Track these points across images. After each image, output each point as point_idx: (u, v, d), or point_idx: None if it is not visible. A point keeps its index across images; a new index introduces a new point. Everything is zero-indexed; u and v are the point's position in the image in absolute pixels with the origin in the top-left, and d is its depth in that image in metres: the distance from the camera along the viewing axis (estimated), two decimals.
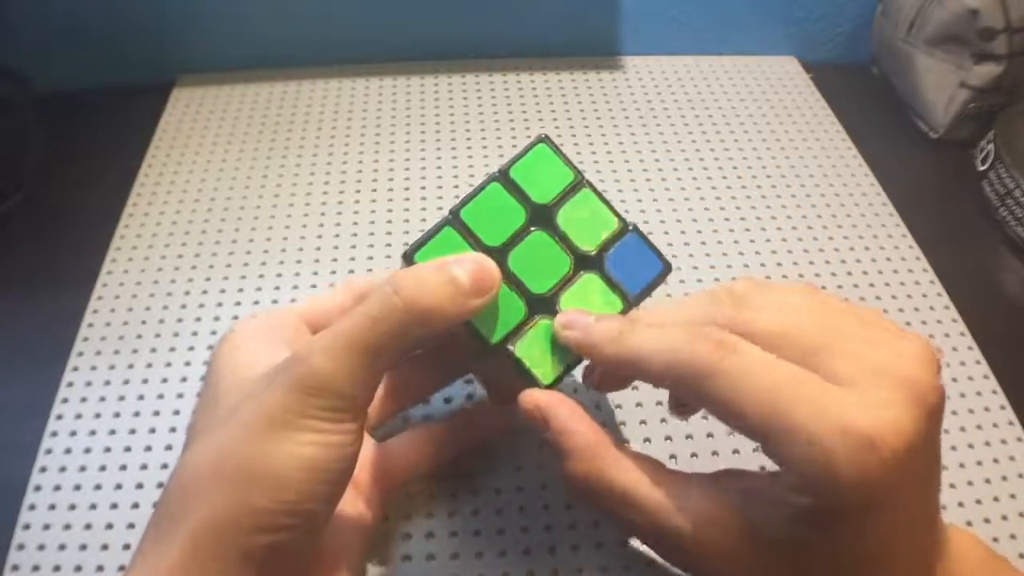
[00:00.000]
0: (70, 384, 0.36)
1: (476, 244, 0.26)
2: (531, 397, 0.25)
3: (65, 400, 0.35)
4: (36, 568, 0.30)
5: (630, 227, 0.28)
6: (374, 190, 0.46)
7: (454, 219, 0.26)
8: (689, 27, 0.56)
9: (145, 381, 0.36)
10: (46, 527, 0.31)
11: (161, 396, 0.35)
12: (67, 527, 0.31)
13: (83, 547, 0.30)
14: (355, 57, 0.55)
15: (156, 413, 0.35)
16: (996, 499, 0.33)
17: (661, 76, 0.55)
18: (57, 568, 0.30)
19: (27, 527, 0.31)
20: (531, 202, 0.27)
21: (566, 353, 0.26)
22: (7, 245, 0.43)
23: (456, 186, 0.46)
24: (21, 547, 0.30)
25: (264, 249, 0.42)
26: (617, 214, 0.28)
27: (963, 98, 0.49)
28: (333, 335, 0.22)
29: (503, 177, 0.27)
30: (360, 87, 0.53)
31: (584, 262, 0.27)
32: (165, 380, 0.36)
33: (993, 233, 0.45)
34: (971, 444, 0.35)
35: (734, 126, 0.51)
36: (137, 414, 0.35)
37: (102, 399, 0.35)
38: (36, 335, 0.39)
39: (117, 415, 0.35)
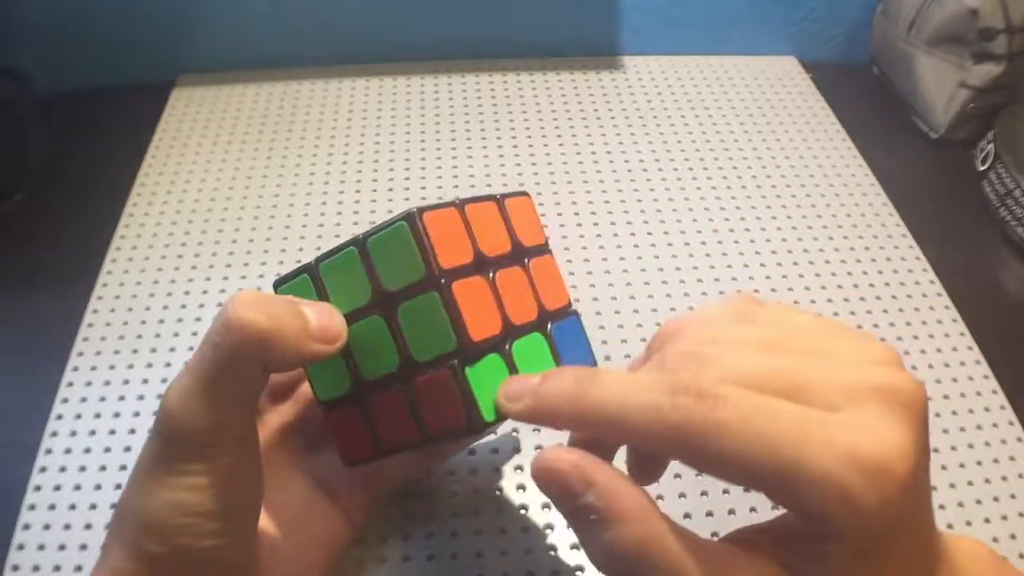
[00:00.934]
0: (70, 384, 0.36)
1: (322, 296, 0.24)
2: (564, 455, 0.20)
3: (65, 400, 0.35)
4: (36, 568, 0.30)
5: (454, 364, 0.22)
6: (374, 190, 0.46)
7: (313, 268, 0.25)
8: (689, 27, 0.56)
9: (145, 381, 0.36)
10: (46, 527, 0.31)
11: (161, 396, 0.35)
12: (67, 527, 0.31)
13: (83, 547, 0.30)
14: (355, 57, 0.55)
15: (155, 413, 0.35)
16: (996, 499, 0.33)
17: (661, 76, 0.55)
18: (57, 568, 0.30)
19: (27, 527, 0.31)
20: (379, 284, 0.23)
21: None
22: (7, 245, 0.43)
23: (456, 186, 0.46)
24: (21, 547, 0.30)
25: (264, 249, 0.42)
26: (458, 333, 0.22)
27: (963, 98, 0.49)
28: (185, 370, 0.22)
29: (360, 246, 0.23)
30: (360, 87, 0.53)
31: (411, 367, 0.23)
32: (165, 380, 0.36)
33: (993, 233, 0.45)
34: (971, 444, 0.34)
35: (734, 126, 0.51)
36: (137, 414, 0.35)
37: (102, 399, 0.35)
38: (36, 335, 0.39)
39: (117, 415, 0.35)
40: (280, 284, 0.26)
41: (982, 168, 0.47)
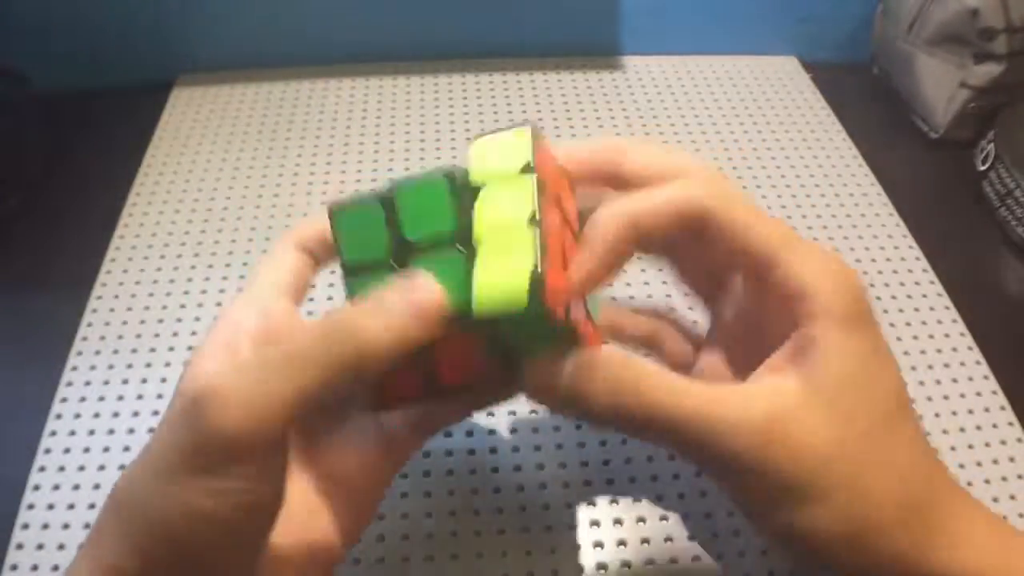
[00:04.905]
0: (69, 384, 0.36)
1: (393, 228, 0.23)
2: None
3: (64, 400, 0.35)
4: (35, 568, 0.30)
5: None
6: (373, 190, 0.46)
7: (388, 194, 0.24)
8: (689, 27, 0.56)
9: (144, 381, 0.36)
10: (45, 527, 0.31)
11: (160, 396, 0.35)
12: (66, 527, 0.31)
13: (82, 547, 0.30)
14: (355, 57, 0.55)
15: (155, 413, 0.35)
16: (996, 500, 0.33)
17: (661, 76, 0.55)
18: (56, 568, 0.30)
19: (26, 527, 0.31)
20: (467, 221, 0.23)
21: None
22: (7, 245, 0.43)
23: None
24: (20, 547, 0.30)
25: (264, 249, 0.42)
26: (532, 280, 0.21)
27: (963, 98, 0.49)
28: (245, 377, 0.20)
29: (451, 178, 0.23)
30: (360, 87, 0.53)
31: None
32: (164, 380, 0.36)
33: (993, 233, 0.45)
34: (971, 444, 0.34)
35: (734, 126, 0.51)
36: (136, 414, 0.35)
37: (101, 399, 0.35)
38: (36, 335, 0.39)
39: (116, 415, 0.35)
40: (339, 210, 0.24)
41: (982, 168, 0.47)
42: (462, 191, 0.23)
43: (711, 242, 0.24)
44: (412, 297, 0.21)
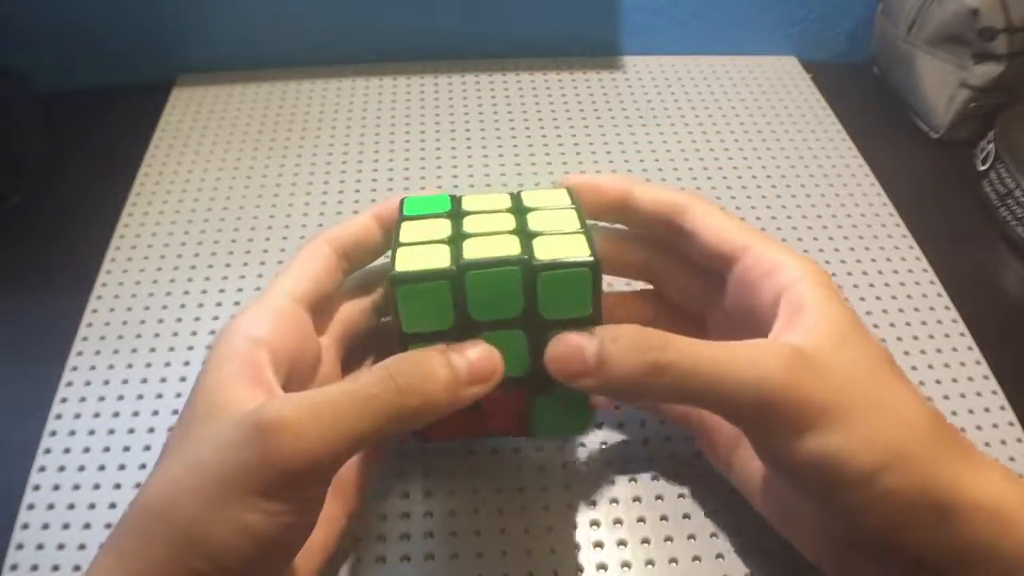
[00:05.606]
0: (69, 384, 0.36)
1: (459, 307, 0.24)
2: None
3: (64, 400, 0.35)
4: (34, 568, 0.30)
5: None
6: (374, 190, 0.46)
7: (457, 274, 0.24)
8: (689, 27, 0.56)
9: (144, 381, 0.36)
10: (45, 527, 0.31)
11: (160, 396, 0.35)
12: (66, 527, 0.31)
13: (82, 547, 0.30)
14: (355, 57, 0.55)
15: (155, 413, 0.35)
16: None
17: (661, 76, 0.55)
18: (56, 568, 0.30)
19: (26, 527, 0.31)
20: (535, 308, 0.24)
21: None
22: (7, 245, 0.43)
23: (456, 186, 0.46)
24: (20, 547, 0.30)
25: (264, 249, 0.42)
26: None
27: (963, 98, 0.49)
28: (313, 412, 0.21)
29: (527, 269, 0.23)
30: (360, 87, 0.53)
31: (539, 381, 0.25)
32: (164, 380, 0.36)
33: (993, 233, 0.45)
34: None
35: (734, 126, 0.51)
36: (136, 414, 0.35)
37: (101, 399, 0.35)
38: (36, 335, 0.39)
39: (116, 415, 0.35)
40: (403, 282, 0.24)
41: (982, 168, 0.47)
42: (531, 281, 0.24)
43: (689, 236, 0.28)
44: (474, 362, 0.23)
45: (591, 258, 0.23)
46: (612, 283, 0.36)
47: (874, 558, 0.24)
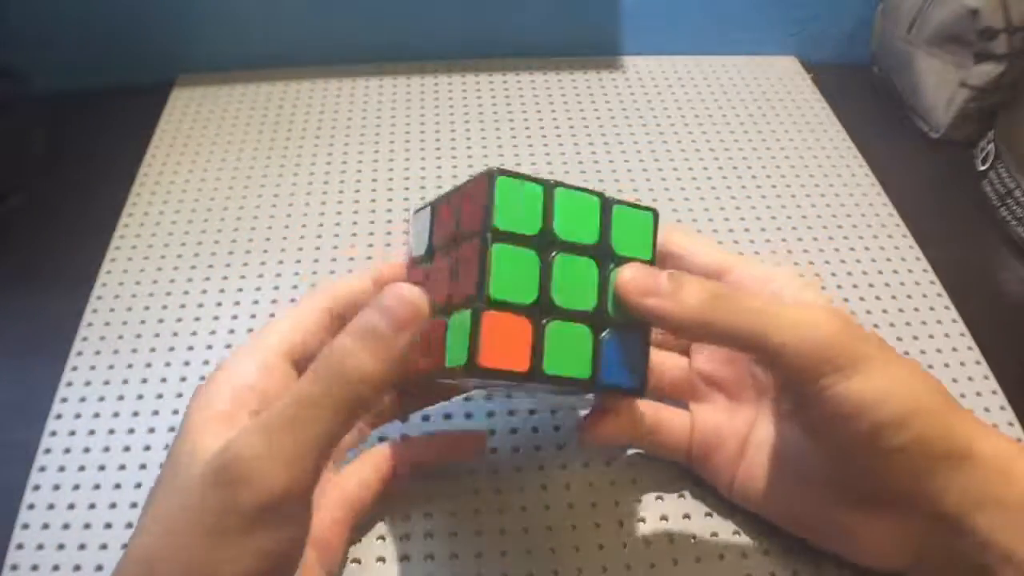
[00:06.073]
0: (69, 384, 0.36)
1: (546, 216, 0.25)
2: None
3: (64, 400, 0.35)
4: (35, 567, 0.30)
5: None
6: (374, 190, 0.46)
7: (549, 186, 0.25)
8: (689, 27, 0.56)
9: (144, 381, 0.36)
10: (45, 527, 0.31)
11: (160, 396, 0.35)
12: (66, 527, 0.31)
13: (82, 547, 0.30)
14: (355, 57, 0.55)
15: (155, 413, 0.35)
16: None
17: (661, 76, 0.55)
18: (56, 568, 0.30)
19: (26, 527, 0.31)
20: (608, 238, 0.26)
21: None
22: (7, 245, 0.43)
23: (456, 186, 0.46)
24: (20, 547, 0.30)
25: (264, 249, 0.42)
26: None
27: (963, 98, 0.49)
28: (268, 441, 0.21)
29: (604, 201, 0.26)
30: (360, 87, 0.53)
31: (600, 318, 0.26)
32: (164, 380, 0.36)
33: (993, 233, 0.45)
34: None
35: (734, 126, 0.51)
36: (136, 414, 0.35)
37: (101, 399, 0.35)
38: (36, 335, 0.39)
39: (116, 415, 0.35)
40: (502, 173, 0.25)
41: (982, 168, 0.47)
42: (606, 213, 0.27)
43: (675, 260, 0.29)
44: (391, 313, 0.23)
45: (654, 209, 0.27)
46: None
47: (890, 516, 0.26)
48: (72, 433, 0.34)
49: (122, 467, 0.33)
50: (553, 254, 0.25)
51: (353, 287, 0.28)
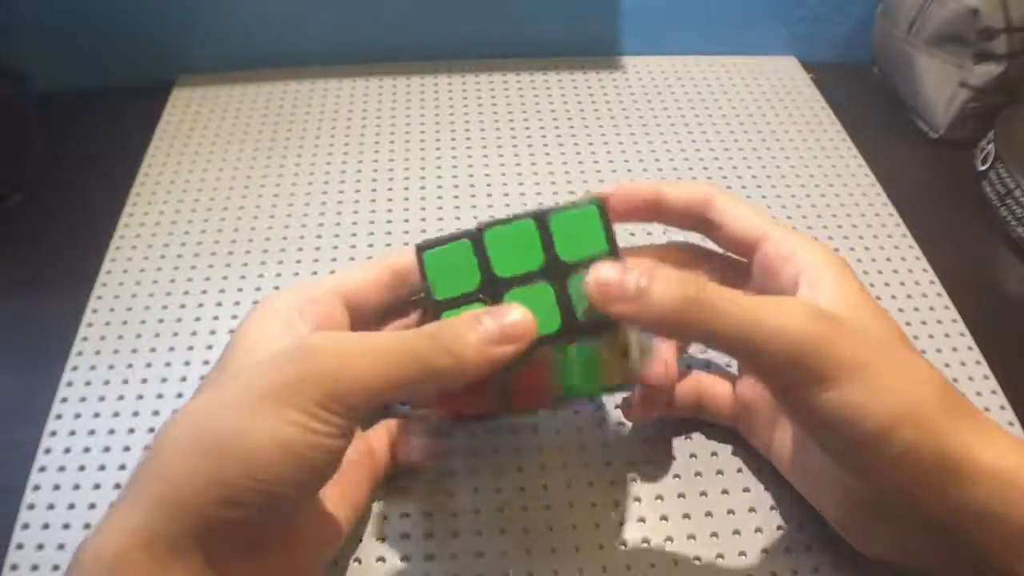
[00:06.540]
0: (69, 384, 0.36)
1: (484, 266, 0.26)
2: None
3: (64, 400, 0.35)
4: (35, 567, 0.30)
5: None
6: (374, 190, 0.46)
7: (477, 234, 0.27)
8: (689, 27, 0.56)
9: (144, 381, 0.36)
10: (45, 526, 0.31)
11: (160, 396, 0.35)
12: (66, 527, 0.31)
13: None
14: (355, 57, 0.55)
15: (155, 413, 0.35)
16: None
17: (661, 76, 0.55)
18: (56, 568, 0.30)
19: (26, 527, 0.31)
20: (554, 254, 0.26)
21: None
22: (7, 245, 0.43)
23: (456, 186, 0.46)
24: (20, 547, 0.30)
25: (264, 249, 0.42)
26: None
27: (963, 98, 0.49)
28: (360, 346, 0.23)
29: (539, 219, 0.27)
30: (360, 87, 0.53)
31: (571, 330, 0.26)
32: (164, 380, 0.36)
33: (993, 233, 0.45)
34: None
35: (734, 126, 0.51)
36: (136, 414, 0.35)
37: (101, 399, 0.35)
38: (36, 335, 0.39)
39: (116, 415, 0.35)
40: (428, 248, 0.27)
41: (982, 168, 0.47)
42: (544, 229, 0.27)
43: (716, 227, 0.30)
44: (505, 322, 0.25)
45: (596, 199, 0.27)
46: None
47: (892, 520, 0.26)
48: (72, 433, 0.34)
49: (122, 467, 0.33)
50: (503, 295, 0.26)
51: (362, 277, 0.29)
